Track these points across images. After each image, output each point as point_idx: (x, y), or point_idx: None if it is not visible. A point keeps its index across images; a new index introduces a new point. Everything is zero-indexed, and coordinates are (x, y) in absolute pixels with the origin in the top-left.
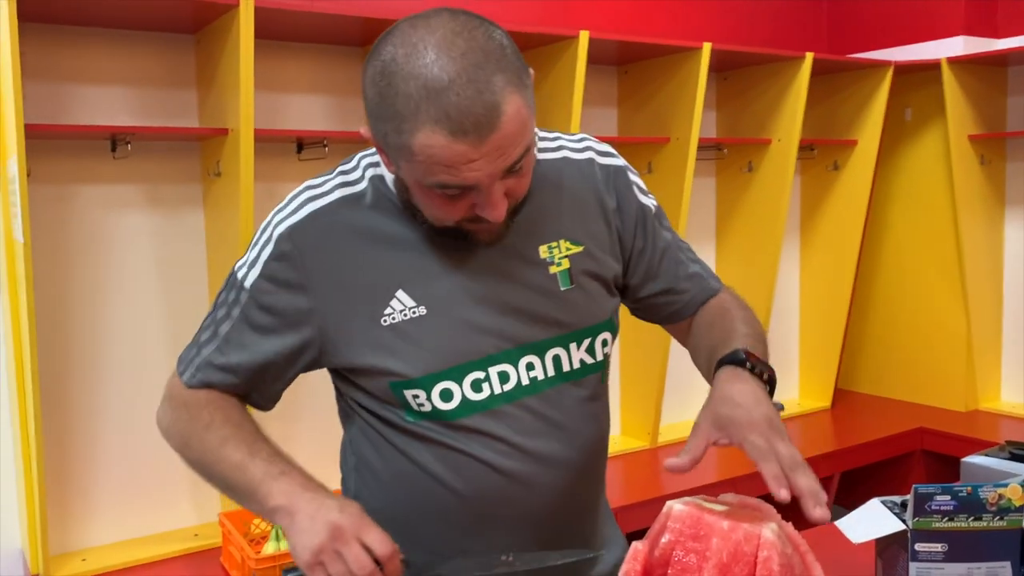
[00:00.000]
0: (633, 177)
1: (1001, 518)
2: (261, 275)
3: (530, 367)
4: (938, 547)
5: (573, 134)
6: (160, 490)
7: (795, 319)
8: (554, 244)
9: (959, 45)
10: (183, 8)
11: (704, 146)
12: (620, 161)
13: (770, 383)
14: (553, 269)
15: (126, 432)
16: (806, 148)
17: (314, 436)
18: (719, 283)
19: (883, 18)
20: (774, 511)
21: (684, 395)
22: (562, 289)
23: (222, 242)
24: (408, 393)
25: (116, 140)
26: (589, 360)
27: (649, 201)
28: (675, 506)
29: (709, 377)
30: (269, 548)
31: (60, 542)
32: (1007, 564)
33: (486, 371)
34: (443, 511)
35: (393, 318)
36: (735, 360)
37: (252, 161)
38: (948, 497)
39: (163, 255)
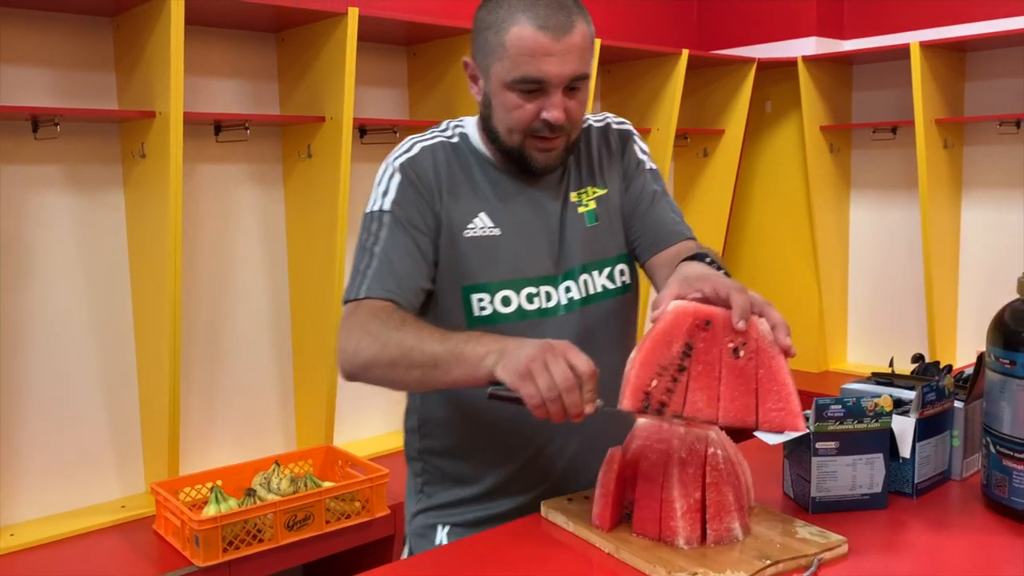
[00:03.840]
0: (637, 140)
1: (876, 420)
2: (396, 196)
3: (568, 289)
4: (832, 444)
5: (596, 114)
6: (85, 464)
7: None
8: (583, 190)
9: (812, 45)
10: None
11: None
12: (630, 127)
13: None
14: (582, 210)
15: (49, 408)
16: (680, 136)
17: (236, 413)
18: (691, 234)
19: (747, 19)
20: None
21: None
22: (588, 226)
23: (144, 220)
24: (475, 296)
25: (39, 121)
26: (610, 285)
27: (648, 160)
28: (640, 420)
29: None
30: (210, 510)
31: None
32: (880, 455)
33: (538, 288)
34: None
35: (474, 232)
36: (696, 256)
37: (181, 143)
38: (839, 406)
39: (84, 234)
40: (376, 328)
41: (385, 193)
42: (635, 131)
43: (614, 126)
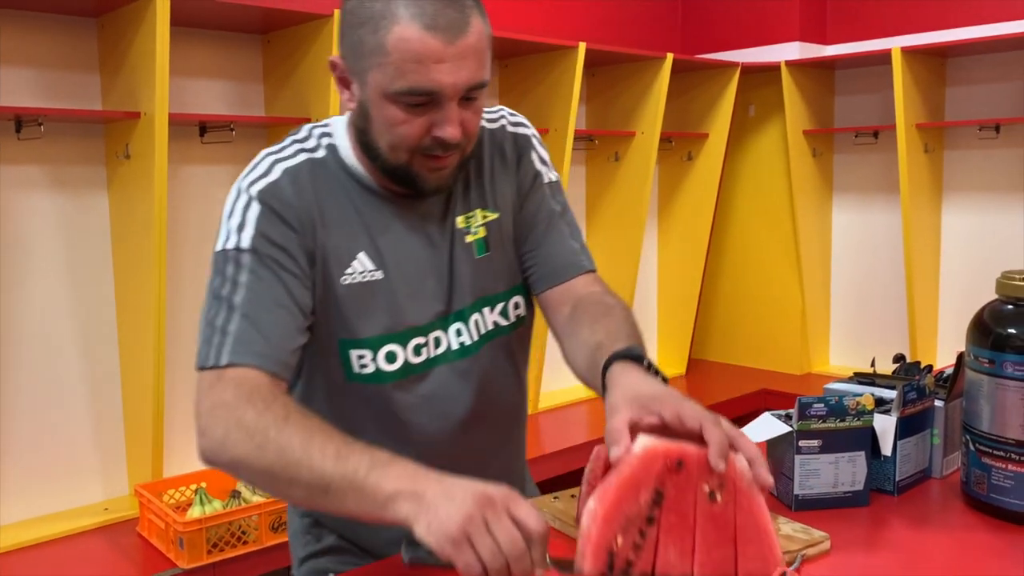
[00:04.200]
0: (537, 146)
1: (858, 419)
2: (257, 231)
3: (459, 333)
4: (815, 443)
5: (490, 107)
6: (68, 467)
7: (653, 295)
8: (470, 214)
9: (795, 50)
10: None
11: (576, 137)
12: (529, 131)
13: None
14: (469, 238)
15: (32, 410)
16: (665, 140)
17: None
18: (591, 265)
19: (731, 23)
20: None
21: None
22: (477, 257)
23: (128, 222)
24: (354, 353)
25: (22, 121)
26: (503, 322)
27: (547, 171)
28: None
29: (594, 371)
30: (194, 512)
31: None
32: (862, 453)
33: (427, 337)
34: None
35: (353, 278)
36: (632, 355)
37: (166, 144)
38: (822, 405)
39: (68, 236)
40: (251, 420)
41: (241, 227)
42: (534, 133)
43: (509, 129)
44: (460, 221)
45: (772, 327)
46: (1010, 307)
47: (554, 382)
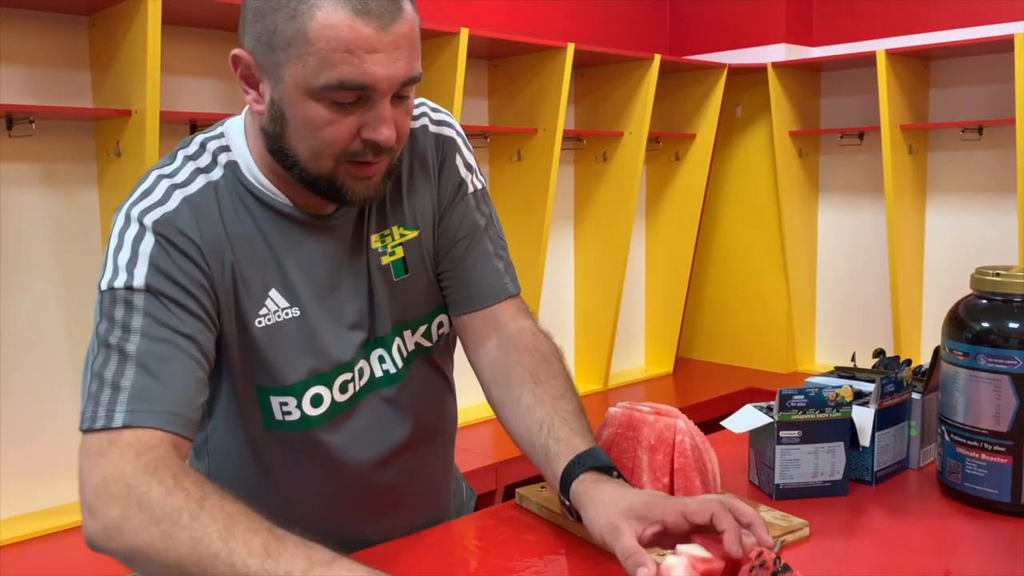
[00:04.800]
0: (462, 148)
1: (837, 410)
2: (152, 266)
3: (381, 360)
4: (795, 433)
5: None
6: (60, 462)
7: (641, 294)
8: (386, 232)
9: (781, 51)
10: None
11: (565, 137)
12: (452, 131)
13: None
14: (386, 260)
15: (23, 406)
16: (652, 140)
17: None
18: (516, 289)
19: (718, 25)
20: (681, 413)
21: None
22: (396, 280)
23: None
24: (276, 400)
25: (13, 118)
26: (426, 343)
27: (472, 178)
28: (612, 410)
29: (544, 457)
30: None
31: None
32: (841, 444)
33: (352, 371)
34: (316, 505)
35: (268, 319)
36: (599, 466)
37: (157, 142)
38: (802, 396)
39: (58, 233)
40: (157, 500)
41: (133, 263)
42: (459, 131)
43: (432, 130)
44: (375, 240)
45: (758, 326)
46: (984, 302)
47: None
